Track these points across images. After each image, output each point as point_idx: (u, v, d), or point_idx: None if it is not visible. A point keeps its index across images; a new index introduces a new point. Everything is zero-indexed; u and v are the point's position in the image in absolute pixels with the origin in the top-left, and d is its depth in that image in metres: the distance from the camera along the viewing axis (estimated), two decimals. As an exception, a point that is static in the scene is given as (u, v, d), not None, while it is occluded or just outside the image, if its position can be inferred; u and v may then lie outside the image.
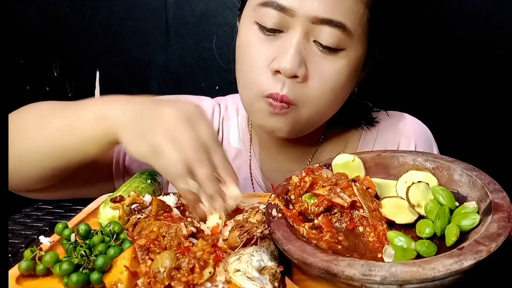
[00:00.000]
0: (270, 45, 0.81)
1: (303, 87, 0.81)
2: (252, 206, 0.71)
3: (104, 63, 1.40)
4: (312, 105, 0.83)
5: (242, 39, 0.85)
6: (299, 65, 0.79)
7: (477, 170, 0.63)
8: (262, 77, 0.81)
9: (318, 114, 0.85)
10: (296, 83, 0.80)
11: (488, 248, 0.48)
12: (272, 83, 0.80)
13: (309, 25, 0.79)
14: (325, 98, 0.83)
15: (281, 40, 0.81)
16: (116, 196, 0.66)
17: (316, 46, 0.80)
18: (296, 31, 0.79)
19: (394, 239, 0.56)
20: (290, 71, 0.78)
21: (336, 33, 0.79)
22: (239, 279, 0.51)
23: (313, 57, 0.80)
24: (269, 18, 0.80)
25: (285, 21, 0.79)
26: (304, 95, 0.81)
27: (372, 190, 0.63)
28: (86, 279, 0.52)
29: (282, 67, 0.78)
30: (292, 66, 0.78)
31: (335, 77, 0.82)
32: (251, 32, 0.83)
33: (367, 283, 0.48)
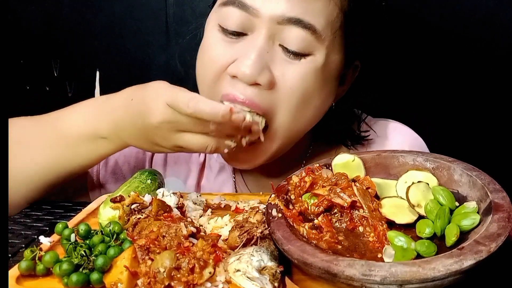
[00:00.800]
0: (231, 47, 0.75)
1: (269, 95, 0.74)
2: (252, 206, 0.71)
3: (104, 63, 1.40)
4: (281, 115, 0.76)
5: (203, 43, 0.80)
6: (260, 71, 0.72)
7: (477, 170, 0.63)
8: (220, 80, 0.75)
9: (291, 125, 0.78)
10: (261, 90, 0.74)
11: (488, 248, 0.48)
12: (228, 85, 0.74)
13: (274, 26, 0.73)
14: (294, 107, 0.76)
15: (243, 42, 0.75)
16: (116, 196, 0.66)
17: (282, 50, 0.74)
18: (259, 34, 0.73)
19: (394, 239, 0.56)
20: (249, 78, 0.72)
21: (304, 36, 0.73)
22: (239, 279, 0.51)
23: (279, 62, 0.74)
24: (231, 19, 0.74)
25: (249, 22, 0.74)
26: (271, 103, 0.75)
27: (372, 190, 0.63)
28: (86, 279, 0.52)
29: (241, 72, 0.72)
30: (252, 72, 0.71)
31: (302, 83, 0.75)
32: (211, 34, 0.77)
33: (367, 283, 0.48)
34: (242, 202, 0.75)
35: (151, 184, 0.74)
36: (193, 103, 0.66)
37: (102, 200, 0.73)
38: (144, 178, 0.75)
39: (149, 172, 0.77)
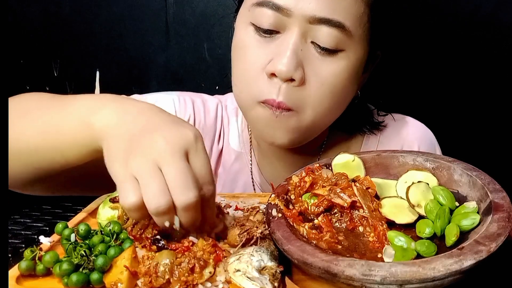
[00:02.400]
0: (266, 47, 0.78)
1: (300, 91, 0.78)
2: (252, 206, 0.71)
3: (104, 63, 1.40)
4: (311, 110, 0.79)
5: (238, 41, 0.83)
6: (296, 68, 0.76)
7: (477, 170, 0.63)
8: (258, 81, 0.78)
9: (318, 120, 0.82)
10: (293, 87, 0.77)
11: (488, 248, 0.48)
12: (267, 88, 0.78)
13: (306, 25, 0.76)
14: (324, 102, 0.80)
15: (278, 41, 0.78)
16: (115, 196, 0.66)
17: (314, 47, 0.77)
18: (292, 32, 0.76)
19: (394, 239, 0.56)
20: (286, 74, 0.75)
21: (334, 34, 0.76)
22: (239, 279, 0.51)
23: (311, 59, 0.78)
24: (265, 19, 0.77)
25: (282, 22, 0.77)
26: (302, 100, 0.78)
27: (372, 190, 0.63)
28: (86, 279, 0.52)
29: (278, 69, 0.75)
30: (288, 69, 0.75)
31: (334, 79, 0.79)
32: (246, 33, 0.80)
33: (367, 283, 0.48)
34: (242, 202, 0.75)
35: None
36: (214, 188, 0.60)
37: (101, 200, 0.73)
38: (144, 178, 0.75)
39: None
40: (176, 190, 0.55)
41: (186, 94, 1.00)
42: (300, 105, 0.78)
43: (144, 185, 0.55)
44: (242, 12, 0.83)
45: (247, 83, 0.80)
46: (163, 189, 0.55)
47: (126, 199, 0.55)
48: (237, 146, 0.98)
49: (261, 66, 0.78)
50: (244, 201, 0.75)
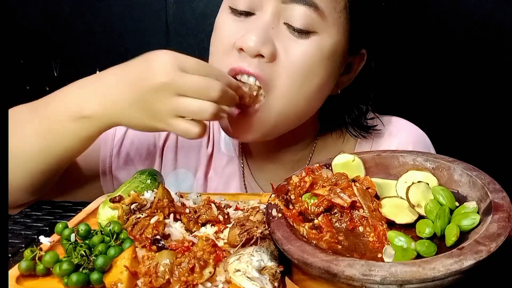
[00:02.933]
0: (239, 26, 0.80)
1: (270, 67, 0.78)
2: (252, 206, 0.71)
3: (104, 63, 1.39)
4: (281, 90, 0.79)
5: (216, 23, 0.85)
6: (263, 43, 0.76)
7: (477, 170, 0.63)
8: (228, 56, 0.80)
9: (288, 105, 0.80)
10: (264, 62, 0.78)
11: (488, 248, 0.48)
12: (237, 60, 0.79)
13: (279, 5, 0.77)
14: (294, 83, 0.79)
15: (250, 20, 0.80)
16: (115, 196, 0.66)
17: (287, 28, 0.78)
18: (265, 12, 0.78)
19: (394, 239, 0.56)
20: (253, 48, 0.76)
21: (307, 13, 0.76)
22: (239, 279, 0.51)
23: (283, 39, 0.78)
24: (240, 0, 0.79)
25: (256, 3, 0.78)
26: (271, 75, 0.78)
27: (372, 190, 0.63)
28: (86, 279, 0.52)
29: (246, 44, 0.76)
30: (256, 43, 0.76)
31: (304, 59, 0.78)
32: (223, 15, 0.83)
33: (367, 283, 0.48)
34: (242, 202, 0.75)
35: (151, 184, 0.74)
36: (203, 64, 0.72)
37: (101, 200, 0.73)
38: (144, 178, 0.75)
39: (149, 172, 0.77)
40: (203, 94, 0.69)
41: None
42: (270, 81, 0.78)
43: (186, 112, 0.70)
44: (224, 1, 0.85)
45: (218, 57, 0.82)
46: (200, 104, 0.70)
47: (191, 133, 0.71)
48: (229, 150, 0.98)
49: (232, 42, 0.79)
50: (244, 201, 0.75)
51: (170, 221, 0.63)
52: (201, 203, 0.69)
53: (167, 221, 0.63)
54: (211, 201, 0.69)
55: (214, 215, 0.66)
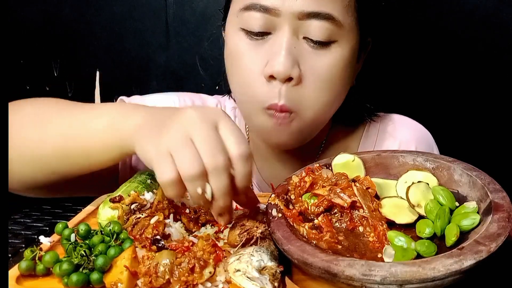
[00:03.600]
0: (259, 50, 0.78)
1: (299, 90, 0.78)
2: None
3: (104, 63, 1.40)
4: (311, 108, 0.80)
5: (230, 49, 0.82)
6: (292, 66, 0.76)
7: (477, 170, 0.63)
8: (258, 87, 0.78)
9: (319, 116, 0.83)
10: (292, 87, 0.77)
11: (488, 248, 0.48)
12: (269, 92, 0.78)
13: (296, 22, 0.76)
14: (323, 97, 0.80)
15: (270, 42, 0.78)
16: (115, 196, 0.66)
17: (307, 42, 0.78)
18: (284, 31, 0.77)
19: (394, 239, 0.56)
20: (284, 74, 0.75)
21: (325, 26, 0.76)
22: (239, 279, 0.51)
23: (306, 55, 0.78)
24: (254, 22, 0.77)
25: (271, 22, 0.77)
26: (301, 98, 0.78)
27: (372, 190, 0.63)
28: (86, 279, 0.52)
29: (276, 71, 0.75)
30: (286, 68, 0.75)
31: (330, 72, 0.79)
32: (238, 39, 0.80)
33: (367, 283, 0.48)
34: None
35: (151, 184, 0.74)
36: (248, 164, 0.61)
37: (101, 200, 0.73)
38: (144, 178, 0.75)
39: (149, 172, 0.77)
40: (206, 154, 0.57)
41: (185, 95, 1.00)
42: (300, 104, 0.79)
43: (177, 156, 0.58)
44: (230, 19, 0.83)
45: (247, 90, 0.80)
46: (195, 155, 0.57)
47: (163, 175, 0.57)
48: None
49: (259, 71, 0.78)
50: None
51: (170, 221, 0.63)
52: (201, 203, 0.69)
53: (167, 221, 0.63)
54: None
55: None
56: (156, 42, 1.37)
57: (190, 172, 0.56)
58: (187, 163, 0.57)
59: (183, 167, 0.57)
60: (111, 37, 1.38)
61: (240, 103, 0.85)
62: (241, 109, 0.86)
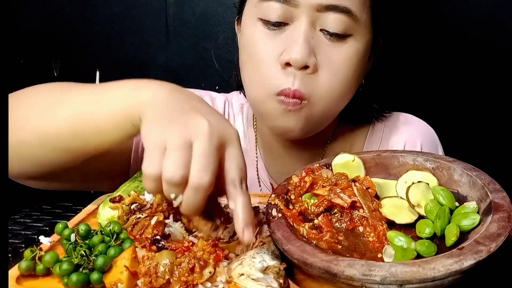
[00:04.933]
0: (276, 39, 0.80)
1: (313, 79, 0.79)
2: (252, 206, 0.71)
3: (104, 63, 1.40)
4: (324, 98, 0.81)
5: (247, 39, 0.84)
6: (309, 55, 0.77)
7: (477, 170, 0.63)
8: (272, 73, 0.80)
9: (330, 108, 0.84)
10: (307, 75, 0.78)
11: (488, 248, 0.48)
12: (282, 78, 0.79)
13: (314, 13, 0.78)
14: (336, 89, 0.81)
15: (287, 32, 0.80)
16: (115, 196, 0.66)
17: (324, 35, 0.79)
18: (301, 21, 0.78)
19: (394, 239, 0.56)
20: (301, 61, 0.77)
21: (342, 19, 0.78)
22: (244, 282, 0.51)
23: (322, 47, 0.79)
24: (272, 12, 0.79)
25: (290, 13, 0.78)
26: (315, 88, 0.79)
27: (372, 190, 0.63)
28: (86, 279, 0.52)
29: (293, 58, 0.77)
30: (303, 56, 0.76)
31: (345, 65, 0.81)
32: (255, 29, 0.82)
33: (367, 283, 0.48)
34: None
35: (151, 184, 0.74)
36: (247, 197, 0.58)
37: (101, 200, 0.73)
38: (144, 178, 0.75)
39: (149, 172, 0.77)
40: (195, 167, 0.54)
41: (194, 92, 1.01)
42: (314, 93, 0.80)
43: (168, 153, 0.55)
44: (248, 11, 0.85)
45: (261, 76, 0.81)
46: (184, 162, 0.54)
47: (147, 167, 0.55)
48: (243, 143, 0.98)
49: (274, 58, 0.79)
50: None
51: (170, 221, 0.63)
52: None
53: (167, 221, 0.63)
54: None
55: None
56: (156, 42, 1.37)
57: (171, 178, 0.54)
58: (173, 167, 0.54)
59: (167, 169, 0.54)
60: (111, 37, 1.38)
61: (251, 90, 0.85)
62: (252, 97, 0.86)
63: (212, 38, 1.34)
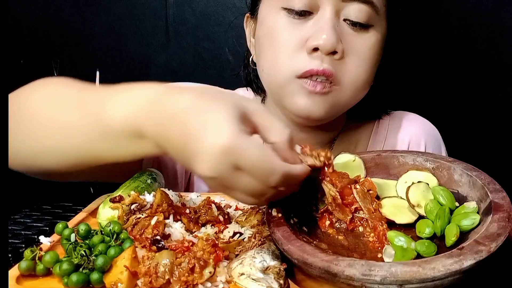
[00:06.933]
0: (300, 28, 0.81)
1: (341, 65, 0.81)
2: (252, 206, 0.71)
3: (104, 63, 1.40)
4: (352, 84, 0.83)
5: (268, 28, 0.84)
6: (337, 41, 0.79)
7: (477, 170, 0.63)
8: (297, 57, 0.80)
9: (355, 95, 0.85)
10: (335, 60, 0.80)
11: (488, 248, 0.48)
12: (308, 60, 0.80)
13: (338, 3, 0.80)
14: (363, 77, 0.83)
15: (312, 21, 0.81)
16: (115, 196, 0.66)
17: (347, 25, 0.81)
18: (326, 10, 0.80)
19: (394, 239, 0.56)
20: (331, 46, 0.78)
21: (365, 9, 0.80)
22: (245, 282, 0.51)
23: (346, 36, 0.81)
24: (297, 0, 0.80)
25: (314, 2, 0.80)
26: (344, 73, 0.81)
27: (373, 192, 0.63)
28: (86, 279, 0.52)
29: (322, 43, 0.78)
30: (332, 41, 0.78)
31: (369, 53, 0.83)
32: (278, 18, 0.83)
33: (367, 283, 0.48)
34: (242, 202, 0.75)
35: (151, 184, 0.74)
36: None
37: (101, 200, 0.73)
38: (144, 178, 0.75)
39: (149, 172, 0.77)
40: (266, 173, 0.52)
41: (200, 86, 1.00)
42: (343, 77, 0.82)
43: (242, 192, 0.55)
44: (269, 2, 0.85)
45: (284, 60, 0.81)
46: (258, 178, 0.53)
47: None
48: None
49: (299, 44, 0.80)
50: None
51: (170, 222, 0.63)
52: (201, 203, 0.69)
53: (167, 221, 0.63)
54: (211, 201, 0.69)
55: (214, 215, 0.66)
56: (156, 42, 1.37)
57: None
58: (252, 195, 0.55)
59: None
60: (111, 37, 1.38)
61: (272, 75, 0.85)
62: (273, 82, 0.85)
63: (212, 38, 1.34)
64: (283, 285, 0.52)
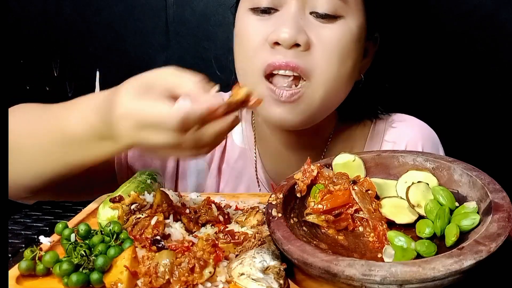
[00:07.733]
0: (265, 23, 0.81)
1: (308, 56, 0.79)
2: (252, 206, 0.71)
3: (104, 63, 1.40)
4: (322, 77, 0.80)
5: (238, 29, 0.85)
6: (298, 32, 0.78)
7: (477, 170, 0.63)
8: (260, 53, 0.80)
9: (330, 91, 0.82)
10: (300, 52, 0.79)
11: (488, 248, 0.48)
12: (270, 55, 0.79)
13: None
14: (334, 68, 0.81)
15: (276, 15, 0.81)
16: (115, 196, 0.66)
17: (314, 17, 0.80)
18: (290, 5, 0.79)
19: (394, 239, 0.56)
20: (290, 39, 0.77)
21: (331, 0, 0.79)
22: (245, 282, 0.51)
23: (312, 27, 0.80)
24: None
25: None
26: (312, 65, 0.79)
27: (372, 192, 0.63)
28: (86, 279, 0.52)
29: (282, 36, 0.77)
30: (291, 34, 0.77)
31: (337, 43, 0.80)
32: (245, 18, 0.83)
33: (367, 283, 0.48)
34: (242, 202, 0.75)
35: (151, 184, 0.74)
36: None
37: (101, 200, 0.73)
38: (144, 178, 0.75)
39: (149, 172, 0.77)
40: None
41: None
42: (312, 70, 0.80)
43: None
44: (241, 3, 0.86)
45: (249, 58, 0.82)
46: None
47: None
48: (241, 142, 0.98)
49: (263, 39, 0.80)
50: (244, 201, 0.75)
51: (170, 221, 0.63)
52: (201, 203, 0.69)
53: (167, 221, 0.63)
54: (211, 201, 0.69)
55: (214, 215, 0.66)
56: (156, 42, 1.37)
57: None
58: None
59: None
60: (111, 37, 1.38)
61: (242, 74, 0.85)
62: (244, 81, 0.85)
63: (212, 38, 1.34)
64: (283, 285, 0.52)
